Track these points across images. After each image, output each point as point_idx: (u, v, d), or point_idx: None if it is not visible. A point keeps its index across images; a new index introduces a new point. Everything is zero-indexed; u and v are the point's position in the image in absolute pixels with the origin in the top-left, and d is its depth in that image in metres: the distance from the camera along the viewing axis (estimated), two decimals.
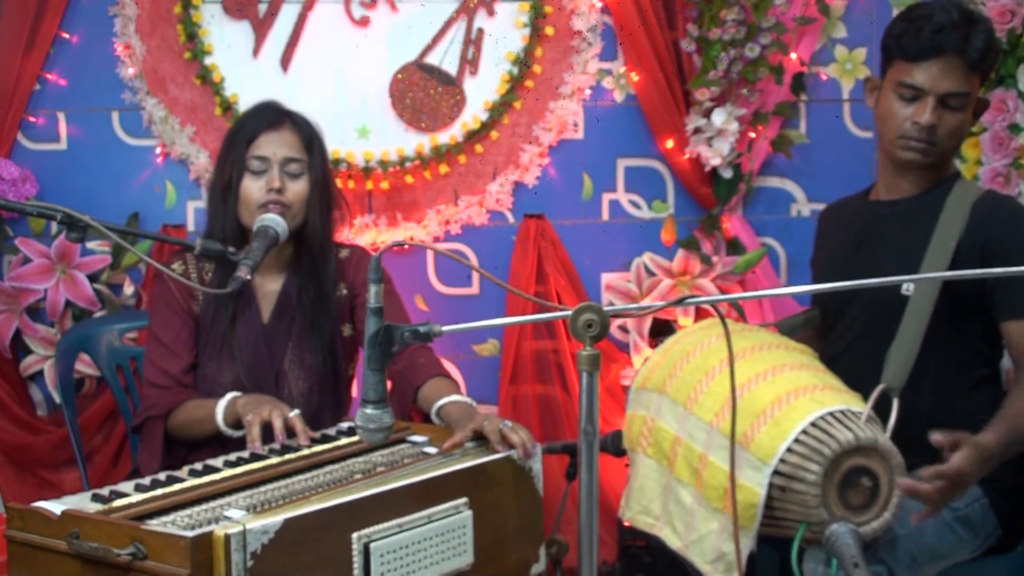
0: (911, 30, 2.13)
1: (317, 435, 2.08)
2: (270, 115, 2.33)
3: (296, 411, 2.08)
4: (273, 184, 2.26)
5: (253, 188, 2.27)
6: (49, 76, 2.93)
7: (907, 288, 2.13)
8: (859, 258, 2.27)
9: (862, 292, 2.20)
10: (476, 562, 1.83)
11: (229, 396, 2.18)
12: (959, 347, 2.15)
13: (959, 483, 1.85)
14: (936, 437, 1.86)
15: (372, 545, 1.68)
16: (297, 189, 2.29)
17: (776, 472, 1.82)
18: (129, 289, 2.95)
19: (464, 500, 1.83)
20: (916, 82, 2.12)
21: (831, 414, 1.85)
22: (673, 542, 2.01)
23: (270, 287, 2.37)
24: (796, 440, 1.82)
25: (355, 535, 1.67)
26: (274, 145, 2.29)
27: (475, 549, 1.83)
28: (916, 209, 2.22)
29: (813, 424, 1.83)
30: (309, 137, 2.34)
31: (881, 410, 1.95)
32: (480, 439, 2.00)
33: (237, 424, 2.14)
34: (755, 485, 1.83)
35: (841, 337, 2.32)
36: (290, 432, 2.04)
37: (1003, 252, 2.09)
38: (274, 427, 2.03)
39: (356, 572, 1.67)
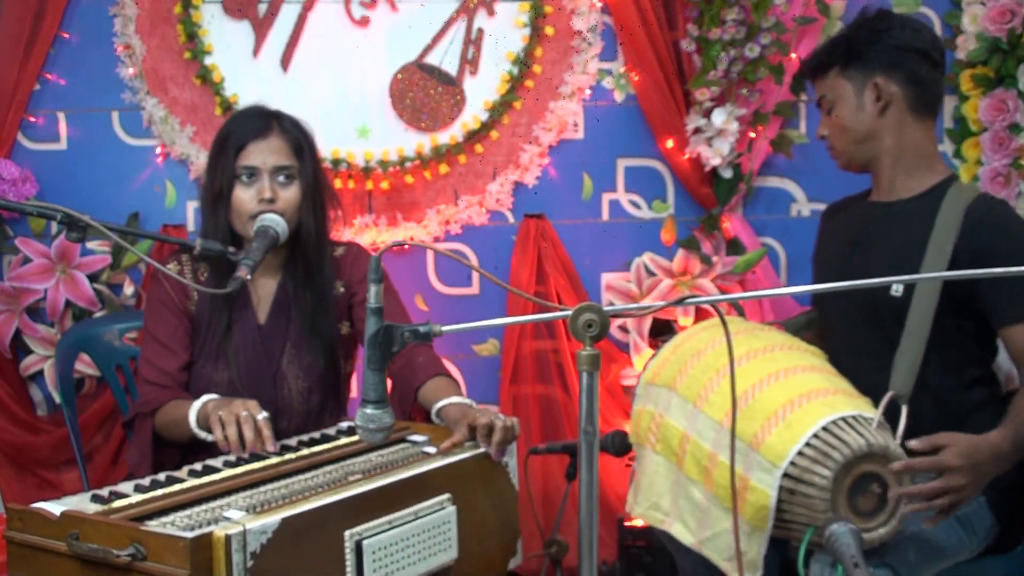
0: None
1: (277, 447, 2.03)
2: (258, 122, 2.29)
3: (264, 414, 2.02)
4: (264, 195, 2.25)
5: (244, 198, 2.26)
6: (49, 76, 2.94)
7: (896, 290, 2.14)
8: (853, 259, 2.28)
9: (853, 293, 2.21)
10: (459, 557, 1.85)
11: (203, 399, 2.15)
12: (954, 349, 2.15)
13: (950, 477, 1.88)
14: (913, 443, 1.89)
15: (364, 543, 1.69)
16: (288, 196, 2.28)
17: (786, 475, 1.82)
18: (129, 289, 2.95)
19: (447, 496, 1.84)
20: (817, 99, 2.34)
21: (843, 419, 1.84)
22: (685, 538, 2.01)
23: (266, 288, 2.36)
24: (807, 444, 1.81)
25: (347, 532, 1.68)
26: (263, 154, 2.26)
27: (458, 544, 1.84)
28: (909, 212, 2.22)
29: (825, 428, 1.82)
30: (298, 141, 2.31)
31: (885, 415, 1.96)
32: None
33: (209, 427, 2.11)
34: (766, 487, 1.83)
35: (833, 337, 2.33)
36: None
37: (993, 259, 2.07)
38: (245, 438, 1.97)
39: (349, 569, 1.68)
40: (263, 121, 2.30)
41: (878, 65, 2.22)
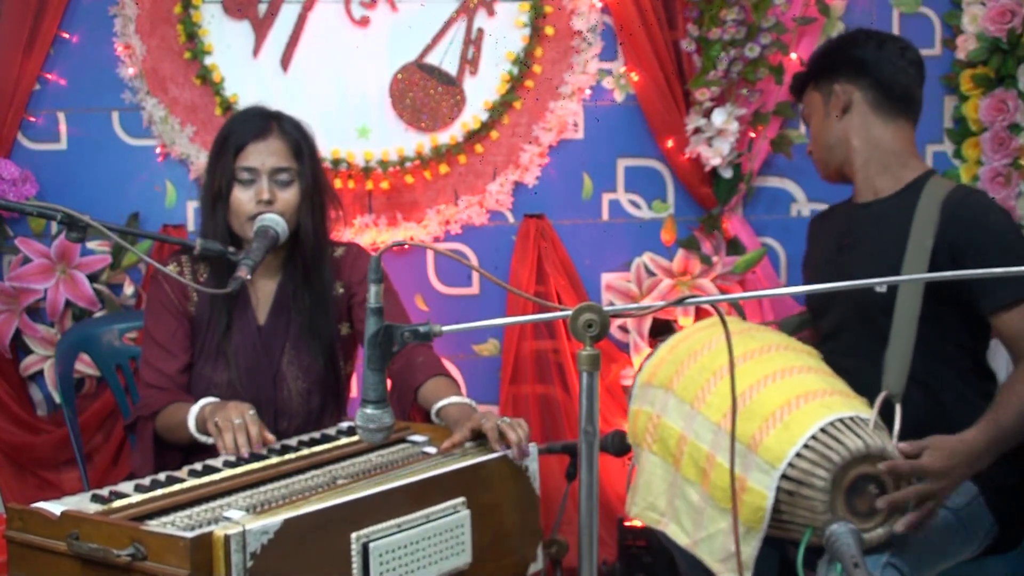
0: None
1: (277, 445, 2.05)
2: (257, 123, 2.29)
3: (252, 410, 2.05)
4: (263, 196, 2.24)
5: (243, 199, 2.26)
6: (49, 76, 2.94)
7: (879, 286, 2.15)
8: (839, 260, 2.32)
9: (842, 293, 2.24)
10: (474, 561, 1.83)
11: (202, 402, 2.16)
12: (942, 341, 2.16)
13: (931, 481, 1.88)
14: (902, 446, 1.89)
15: (371, 545, 1.68)
16: (287, 198, 2.28)
17: (785, 476, 1.82)
18: (129, 289, 2.95)
19: (462, 500, 1.83)
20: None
21: (840, 420, 1.85)
22: (680, 539, 2.02)
23: (265, 289, 2.36)
24: (805, 446, 1.82)
25: (354, 535, 1.67)
26: (262, 156, 2.26)
27: (473, 548, 1.83)
28: (889, 210, 2.25)
29: (823, 430, 1.83)
30: (298, 143, 2.31)
31: (880, 413, 1.96)
32: (479, 438, 2.00)
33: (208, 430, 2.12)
34: (763, 488, 1.83)
35: (826, 338, 2.36)
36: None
37: (972, 251, 2.09)
38: (238, 443, 1.99)
39: (355, 572, 1.67)
40: (263, 122, 2.30)
41: (840, 74, 2.32)
